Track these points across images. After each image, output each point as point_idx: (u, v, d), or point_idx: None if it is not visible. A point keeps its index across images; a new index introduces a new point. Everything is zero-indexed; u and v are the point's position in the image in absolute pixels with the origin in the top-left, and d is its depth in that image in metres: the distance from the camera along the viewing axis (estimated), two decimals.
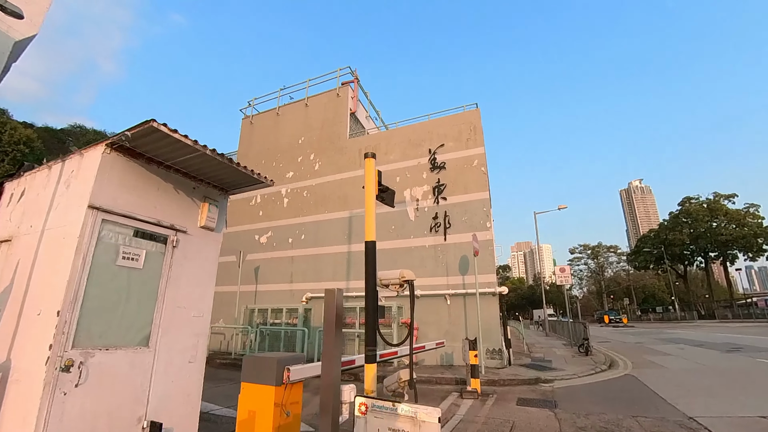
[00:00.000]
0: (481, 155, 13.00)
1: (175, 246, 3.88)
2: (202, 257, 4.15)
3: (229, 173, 4.08)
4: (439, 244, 12.67)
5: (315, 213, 15.48)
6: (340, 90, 16.86)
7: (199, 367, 3.97)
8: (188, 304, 3.94)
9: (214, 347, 15.33)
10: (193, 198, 4.16)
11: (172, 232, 3.88)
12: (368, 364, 2.81)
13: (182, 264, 3.94)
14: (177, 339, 3.79)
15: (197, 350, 3.96)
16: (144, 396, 3.45)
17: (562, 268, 16.11)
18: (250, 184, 4.38)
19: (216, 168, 3.96)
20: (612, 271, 78.79)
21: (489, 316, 11.30)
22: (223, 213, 4.47)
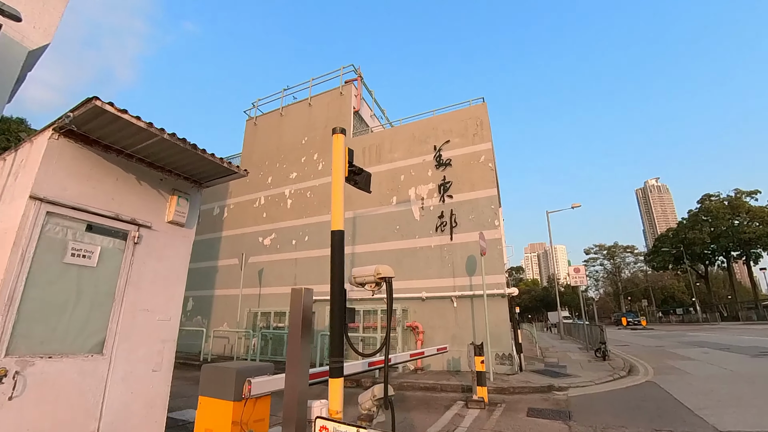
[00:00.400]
0: (488, 151, 12.47)
1: (137, 242, 3.51)
2: (170, 255, 3.77)
3: (197, 162, 3.69)
4: (446, 244, 12.16)
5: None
6: (344, 88, 16.53)
7: (166, 375, 3.58)
8: (153, 307, 3.56)
9: (218, 351, 15.09)
10: (160, 190, 3.79)
11: (133, 227, 3.51)
12: (333, 378, 2.36)
13: (146, 262, 3.56)
14: (138, 345, 3.41)
15: (163, 357, 3.57)
16: (96, 409, 3.07)
17: (577, 268, 15.39)
18: (223, 175, 3.99)
19: (182, 156, 3.58)
20: (629, 271, 76.74)
21: (498, 318, 10.74)
22: (195, 207, 4.10)
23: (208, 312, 16.60)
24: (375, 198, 14.01)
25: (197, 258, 18.11)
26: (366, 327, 11.93)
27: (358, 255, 13.63)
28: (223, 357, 14.31)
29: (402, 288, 12.37)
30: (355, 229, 14.04)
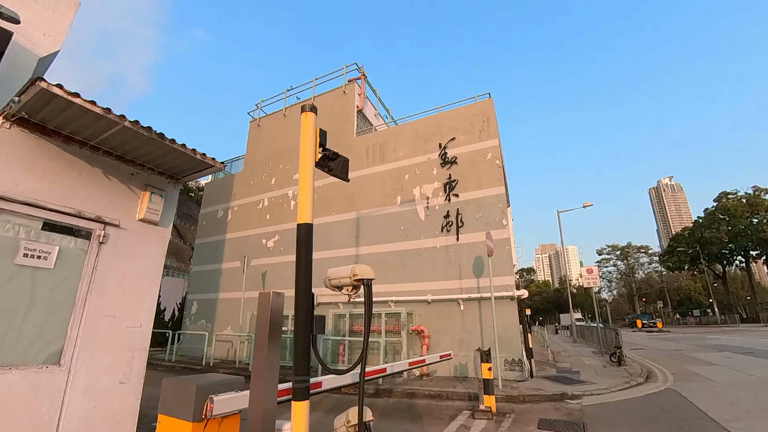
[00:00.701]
0: (495, 147, 12.04)
1: (102, 242, 3.21)
2: (141, 255, 3.46)
3: (169, 154, 3.38)
4: (452, 245, 11.74)
5: (322, 215, 14.82)
6: (347, 87, 16.25)
7: (135, 388, 3.27)
8: (120, 312, 3.25)
9: (221, 356, 14.86)
10: (130, 186, 3.49)
11: (98, 225, 3.21)
12: (296, 401, 1.99)
13: (113, 263, 3.26)
14: (103, 354, 3.10)
15: (132, 368, 3.26)
16: (51, 426, 2.76)
17: (590, 269, 14.83)
18: (200, 168, 3.67)
19: (151, 148, 3.28)
20: (643, 272, 74.97)
21: (507, 322, 10.27)
22: (171, 204, 3.78)
23: (212, 315, 16.42)
24: (379, 198, 13.67)
25: (201, 261, 17.97)
26: (371, 331, 11.56)
27: (362, 257, 13.28)
28: (226, 361, 14.06)
29: (407, 290, 11.98)
30: (358, 231, 13.71)
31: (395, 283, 12.31)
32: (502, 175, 11.76)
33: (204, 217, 19.03)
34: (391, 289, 12.28)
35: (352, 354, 11.55)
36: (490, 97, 12.89)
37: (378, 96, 18.40)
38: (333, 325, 12.28)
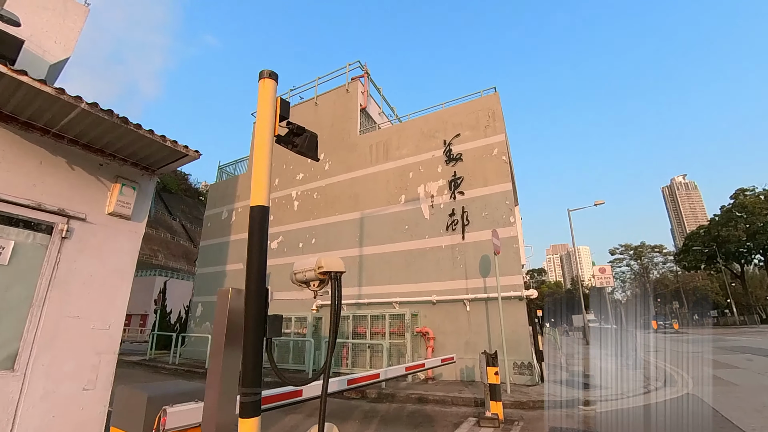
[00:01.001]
0: (501, 143, 11.65)
1: (65, 237, 2.96)
2: (110, 252, 3.21)
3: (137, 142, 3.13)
4: (457, 244, 11.37)
5: (325, 215, 14.58)
6: (350, 85, 16.01)
7: (102, 395, 3.00)
8: (86, 313, 3.00)
9: None
10: (99, 177, 3.24)
11: (61, 219, 2.96)
12: (243, 418, 1.68)
13: (77, 260, 3.01)
14: (65, 359, 2.84)
15: (98, 373, 3.00)
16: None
17: (602, 268, 14.29)
18: (175, 158, 3.40)
19: (118, 136, 3.03)
20: (658, 272, 73.28)
21: (515, 323, 9.86)
22: (145, 197, 3.52)
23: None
24: (383, 197, 13.37)
25: (206, 263, 17.86)
26: (374, 333, 11.22)
27: (366, 257, 12.98)
28: None
29: (411, 291, 11.64)
30: (362, 231, 13.42)
31: (399, 283, 11.98)
32: (509, 171, 11.36)
33: (208, 219, 18.95)
34: (395, 290, 11.95)
35: (356, 357, 11.24)
36: (496, 91, 12.52)
37: (382, 94, 18.13)
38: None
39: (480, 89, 12.95)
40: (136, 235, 3.45)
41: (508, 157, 11.69)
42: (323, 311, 12.95)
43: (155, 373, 12.47)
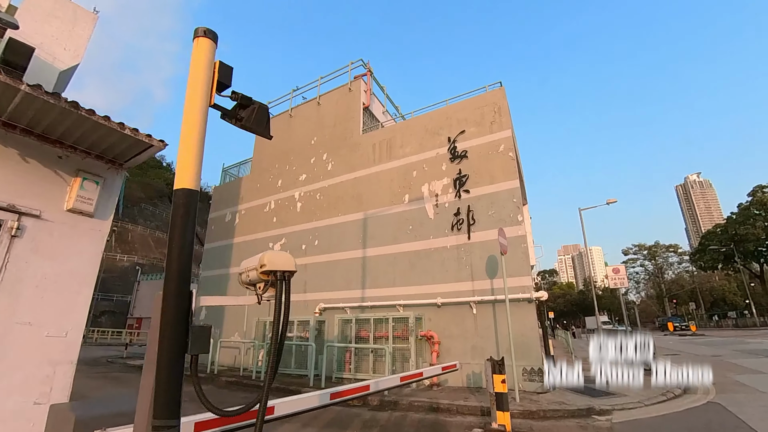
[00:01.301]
0: (507, 139, 11.23)
1: (15, 235, 2.68)
2: (68, 252, 2.92)
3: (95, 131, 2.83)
4: (463, 244, 10.97)
5: (328, 216, 14.29)
6: (352, 84, 15.72)
7: None
8: (39, 319, 2.71)
9: (228, 363, 14.40)
10: (57, 170, 2.95)
11: (10, 216, 2.68)
12: None
13: (30, 261, 2.72)
14: (13, 369, 2.56)
15: (53, 385, 2.70)
16: None
17: (616, 268, 13.72)
18: (141, 150, 3.10)
19: (73, 124, 2.75)
20: (673, 272, 71.49)
21: (524, 326, 9.42)
22: (111, 193, 3.23)
23: (220, 321, 16.04)
24: (386, 197, 13.03)
25: (210, 266, 17.70)
26: (378, 337, 10.85)
27: (369, 259, 12.65)
28: (233, 368, 13.61)
29: (416, 293, 11.26)
30: (365, 232, 13.08)
31: (404, 285, 11.62)
32: (516, 168, 10.93)
33: (212, 221, 18.81)
34: (400, 293, 11.58)
35: (359, 363, 10.87)
36: (502, 86, 12.09)
37: (385, 93, 17.81)
38: (340, 331, 11.64)
39: (485, 84, 12.54)
40: (100, 234, 3.15)
41: (515, 154, 11.26)
42: (326, 314, 12.62)
43: None
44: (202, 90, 1.49)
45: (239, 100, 1.66)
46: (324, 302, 13.00)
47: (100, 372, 13.18)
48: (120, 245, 55.99)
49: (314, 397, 2.74)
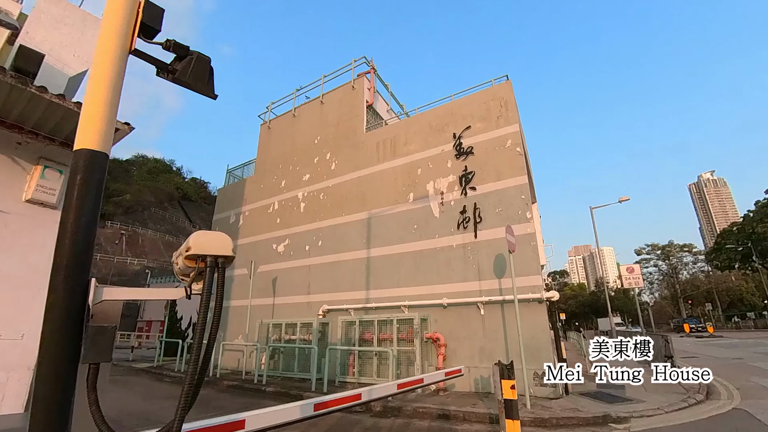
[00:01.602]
0: (515, 134, 10.84)
1: None
2: (27, 246, 2.65)
3: (51, 114, 2.56)
4: (469, 243, 10.59)
5: (332, 216, 14.02)
6: (356, 82, 15.46)
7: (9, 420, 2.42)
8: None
9: (232, 366, 14.18)
10: (15, 158, 2.70)
11: None
12: None
13: None
14: None
15: (5, 393, 2.42)
16: None
17: (630, 267, 13.20)
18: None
19: (26, 106, 2.46)
20: (688, 272, 69.83)
21: (535, 328, 9.00)
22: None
23: (223, 324, 15.84)
24: (390, 195, 12.71)
25: None
26: (382, 339, 10.51)
27: (374, 259, 12.33)
28: (236, 372, 13.37)
29: (421, 294, 10.91)
30: (369, 231, 12.78)
31: (408, 286, 11.28)
32: (524, 164, 10.54)
33: (217, 223, 18.68)
34: (404, 293, 11.25)
35: (363, 366, 10.53)
36: (508, 79, 11.71)
37: (390, 91, 17.51)
38: (343, 333, 11.34)
39: (491, 78, 12.18)
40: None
41: (523, 149, 10.87)
42: (330, 316, 12.33)
43: (158, 381, 12.11)
44: (118, 31, 1.19)
45: (172, 48, 1.36)
46: (328, 304, 12.71)
47: None
48: (130, 248, 56.56)
49: (294, 409, 2.43)
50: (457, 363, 9.78)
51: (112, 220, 57.86)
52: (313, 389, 9.78)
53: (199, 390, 1.17)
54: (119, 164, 74.86)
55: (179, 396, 1.05)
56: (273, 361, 12.68)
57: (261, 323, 13.47)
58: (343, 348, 10.79)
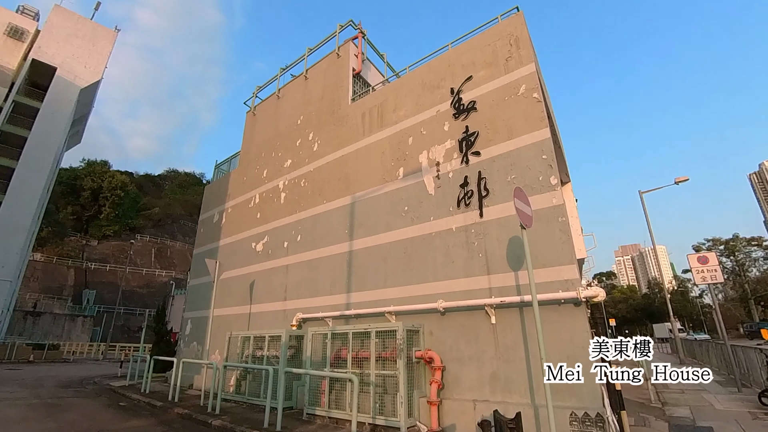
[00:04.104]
0: (529, 77, 7.98)
1: None
2: None
3: None
4: (473, 224, 7.79)
5: (313, 205, 11.61)
6: (341, 48, 13.10)
7: None
8: None
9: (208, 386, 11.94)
10: None
11: None
12: None
13: None
14: None
15: None
16: None
17: (703, 257, 9.81)
18: None
19: None
20: (758, 270, 61.25)
21: (571, 342, 6.03)
22: None
23: (201, 338, 13.76)
24: (377, 174, 10.15)
25: (197, 273, 15.59)
26: (361, 359, 7.80)
27: (357, 253, 9.76)
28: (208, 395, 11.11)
29: (412, 296, 8.20)
30: (353, 219, 10.23)
31: (397, 285, 8.61)
32: (543, 113, 7.61)
33: (202, 223, 16.83)
34: (392, 295, 8.58)
35: (339, 393, 7.85)
36: (519, 10, 8.85)
37: (386, 61, 14.98)
38: (315, 349, 8.76)
39: (498, 14, 9.35)
40: None
41: (543, 96, 7.95)
42: (308, 326, 9.79)
43: (106, 407, 9.99)
44: None
45: None
46: (303, 311, 10.25)
47: (57, 396, 11.21)
48: (159, 261, 57.16)
49: None
50: (460, 394, 6.95)
51: (141, 233, 58.85)
52: (265, 425, 7.28)
53: None
54: (150, 179, 77.05)
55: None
56: (245, 382, 10.34)
57: (231, 336, 11.18)
58: (307, 371, 8.20)
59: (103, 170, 60.78)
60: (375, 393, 7.15)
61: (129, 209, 59.40)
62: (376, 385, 7.19)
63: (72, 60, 31.54)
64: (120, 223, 57.43)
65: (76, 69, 32.37)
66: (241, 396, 9.99)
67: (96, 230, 55.76)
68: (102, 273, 49.54)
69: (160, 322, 17.04)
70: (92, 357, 32.49)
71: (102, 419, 8.49)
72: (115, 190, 57.78)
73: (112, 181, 58.41)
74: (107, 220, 56.36)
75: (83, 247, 52.54)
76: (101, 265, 50.29)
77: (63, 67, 31.53)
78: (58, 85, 31.27)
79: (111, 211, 57.04)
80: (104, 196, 57.17)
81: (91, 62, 32.51)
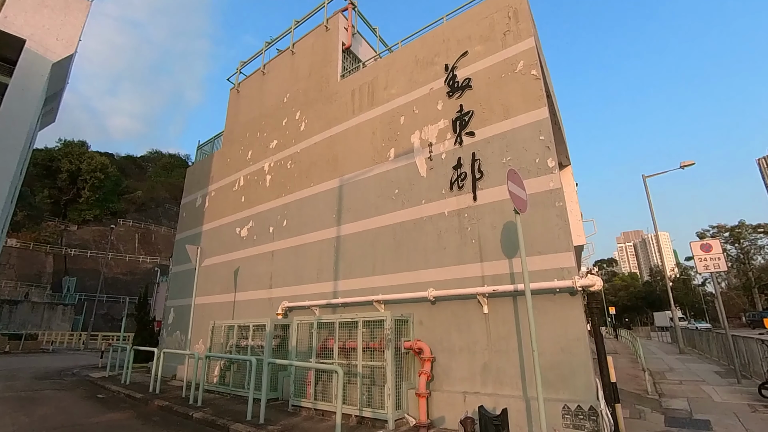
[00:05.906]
0: (528, 52, 7.46)
1: None
2: None
3: None
4: (466, 208, 7.38)
5: (299, 188, 11.09)
6: (330, 21, 12.36)
7: None
8: None
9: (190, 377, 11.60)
10: None
11: None
12: None
13: None
14: None
15: None
16: None
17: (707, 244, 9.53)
18: None
19: None
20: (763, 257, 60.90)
21: (565, 333, 5.73)
22: None
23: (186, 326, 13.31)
24: (367, 155, 9.64)
25: (180, 260, 15.02)
26: (348, 349, 7.45)
27: (345, 239, 9.33)
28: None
29: (402, 284, 7.83)
30: (341, 203, 9.76)
31: (386, 273, 8.23)
32: (542, 92, 7.13)
33: (184, 207, 16.19)
34: (381, 283, 8.21)
35: (325, 384, 7.52)
36: None
37: (378, 35, 14.27)
38: (301, 339, 8.39)
39: None
40: None
41: (542, 72, 7.45)
42: (293, 315, 9.40)
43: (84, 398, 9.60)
44: None
45: None
46: (289, 300, 9.85)
47: (32, 388, 10.78)
48: (143, 247, 56.06)
49: None
50: (450, 386, 6.66)
51: (124, 217, 57.40)
52: (248, 418, 6.94)
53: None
54: (132, 161, 74.86)
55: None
56: (229, 372, 9.98)
57: (214, 325, 10.78)
58: (296, 363, 7.85)
59: (81, 151, 57.55)
60: (362, 384, 6.84)
61: (110, 192, 56.99)
62: (363, 377, 6.89)
63: (42, 32, 30.04)
64: (101, 207, 55.03)
65: (47, 41, 30.92)
66: (225, 387, 9.65)
67: (75, 214, 53.46)
68: (83, 259, 48.12)
69: (142, 311, 16.51)
70: (73, 347, 31.87)
71: (78, 413, 8.10)
72: (94, 173, 55.03)
73: (91, 162, 55.58)
74: (87, 204, 53.71)
75: (62, 232, 50.56)
76: (82, 251, 48.79)
77: (33, 39, 30.06)
78: (27, 59, 29.85)
79: (91, 194, 54.43)
80: (83, 178, 54.28)
81: (63, 34, 31.04)
